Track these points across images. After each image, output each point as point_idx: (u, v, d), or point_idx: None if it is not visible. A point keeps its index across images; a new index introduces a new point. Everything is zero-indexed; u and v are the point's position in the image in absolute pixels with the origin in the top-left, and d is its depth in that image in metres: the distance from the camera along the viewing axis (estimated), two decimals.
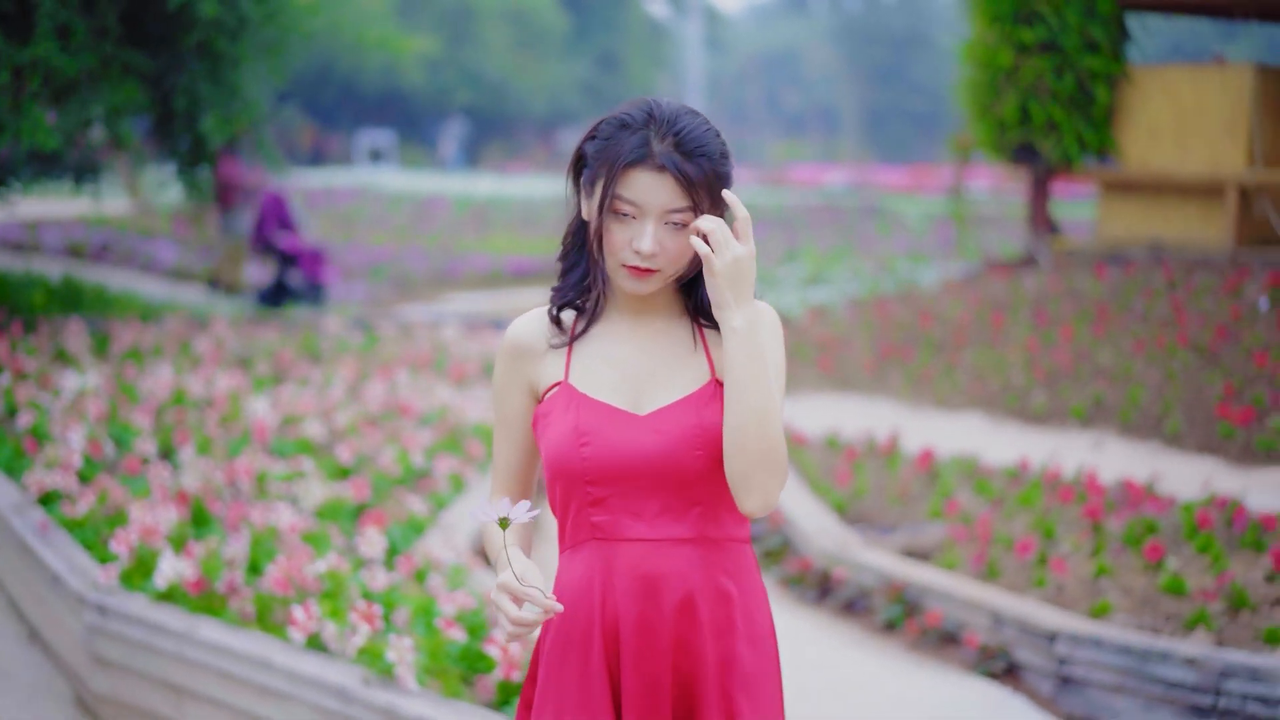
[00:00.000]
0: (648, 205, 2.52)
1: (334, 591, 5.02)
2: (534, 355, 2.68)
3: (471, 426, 8.13)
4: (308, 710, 4.55)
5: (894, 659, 5.94)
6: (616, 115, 2.56)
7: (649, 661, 2.57)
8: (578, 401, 2.59)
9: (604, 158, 2.55)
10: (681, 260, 2.56)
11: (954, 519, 6.97)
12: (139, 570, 5.35)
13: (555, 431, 2.60)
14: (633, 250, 2.53)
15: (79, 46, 9.61)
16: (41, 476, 6.38)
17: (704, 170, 2.52)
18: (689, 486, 2.56)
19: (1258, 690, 4.88)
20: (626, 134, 2.53)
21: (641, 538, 2.57)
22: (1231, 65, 13.06)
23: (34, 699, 5.49)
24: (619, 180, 2.53)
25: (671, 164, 2.50)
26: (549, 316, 2.69)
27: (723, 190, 2.55)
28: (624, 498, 2.57)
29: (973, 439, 9.27)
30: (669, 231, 2.53)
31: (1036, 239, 13.80)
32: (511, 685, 4.36)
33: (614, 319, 2.68)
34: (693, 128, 2.53)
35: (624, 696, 2.57)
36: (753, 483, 2.49)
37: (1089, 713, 5.35)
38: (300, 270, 14.78)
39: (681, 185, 2.51)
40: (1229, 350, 9.76)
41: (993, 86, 13.46)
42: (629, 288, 2.58)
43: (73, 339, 9.86)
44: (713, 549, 2.59)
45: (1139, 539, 6.25)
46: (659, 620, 2.57)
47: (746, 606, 2.63)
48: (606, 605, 2.58)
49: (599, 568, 2.59)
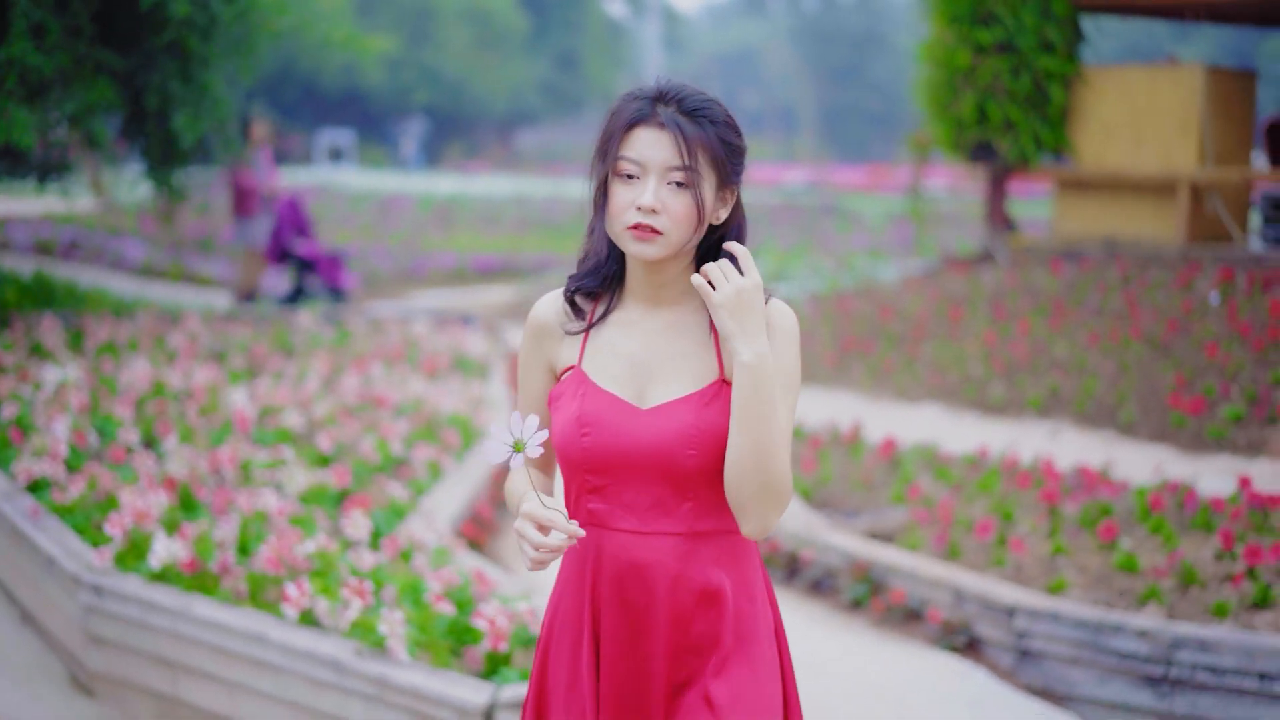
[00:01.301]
0: (649, 162, 2.56)
1: (323, 571, 5.22)
2: (555, 335, 2.73)
3: (447, 417, 8.32)
4: (302, 682, 4.75)
5: (860, 635, 6.18)
6: (629, 90, 2.64)
7: (627, 651, 2.61)
8: (585, 389, 2.63)
9: (611, 123, 2.62)
10: (686, 225, 2.57)
11: (916, 503, 7.21)
12: (132, 552, 5.53)
13: (562, 416, 2.65)
14: (635, 209, 2.57)
15: (53, 45, 9.75)
16: (29, 465, 6.54)
17: (705, 133, 2.56)
18: (682, 483, 2.59)
19: (1206, 660, 5.13)
20: (632, 101, 2.61)
21: (629, 529, 2.61)
22: (1183, 66, 13.37)
23: (29, 679, 5.65)
24: (623, 142, 2.59)
25: (672, 122, 2.55)
26: (564, 299, 2.73)
27: (729, 178, 2.60)
28: (619, 488, 2.61)
29: (933, 429, 9.52)
30: (670, 191, 2.56)
31: (994, 236, 14.07)
32: (498, 656, 4.55)
33: (630, 308, 2.70)
34: (698, 95, 2.58)
35: (602, 683, 2.63)
36: (749, 512, 2.53)
37: (1047, 684, 5.60)
38: (319, 275, 14.95)
39: (682, 143, 2.54)
40: (1181, 343, 10.04)
41: (950, 86, 13.71)
42: (635, 251, 2.59)
43: (48, 334, 10.00)
44: (702, 541, 2.61)
45: (1094, 521, 6.50)
46: (640, 610, 2.60)
47: (739, 598, 2.64)
48: (595, 592, 2.64)
49: (591, 555, 2.65)
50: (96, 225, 20.12)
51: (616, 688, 2.62)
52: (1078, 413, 9.60)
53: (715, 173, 2.59)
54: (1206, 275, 11.23)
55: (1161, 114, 13.02)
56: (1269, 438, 8.46)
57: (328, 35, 16.33)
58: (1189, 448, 8.66)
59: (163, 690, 5.25)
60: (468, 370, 10.45)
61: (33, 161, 11.95)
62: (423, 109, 50.64)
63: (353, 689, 4.59)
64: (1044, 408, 9.84)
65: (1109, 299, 11.37)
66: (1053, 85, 13.41)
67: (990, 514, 6.83)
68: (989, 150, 13.72)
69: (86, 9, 10.01)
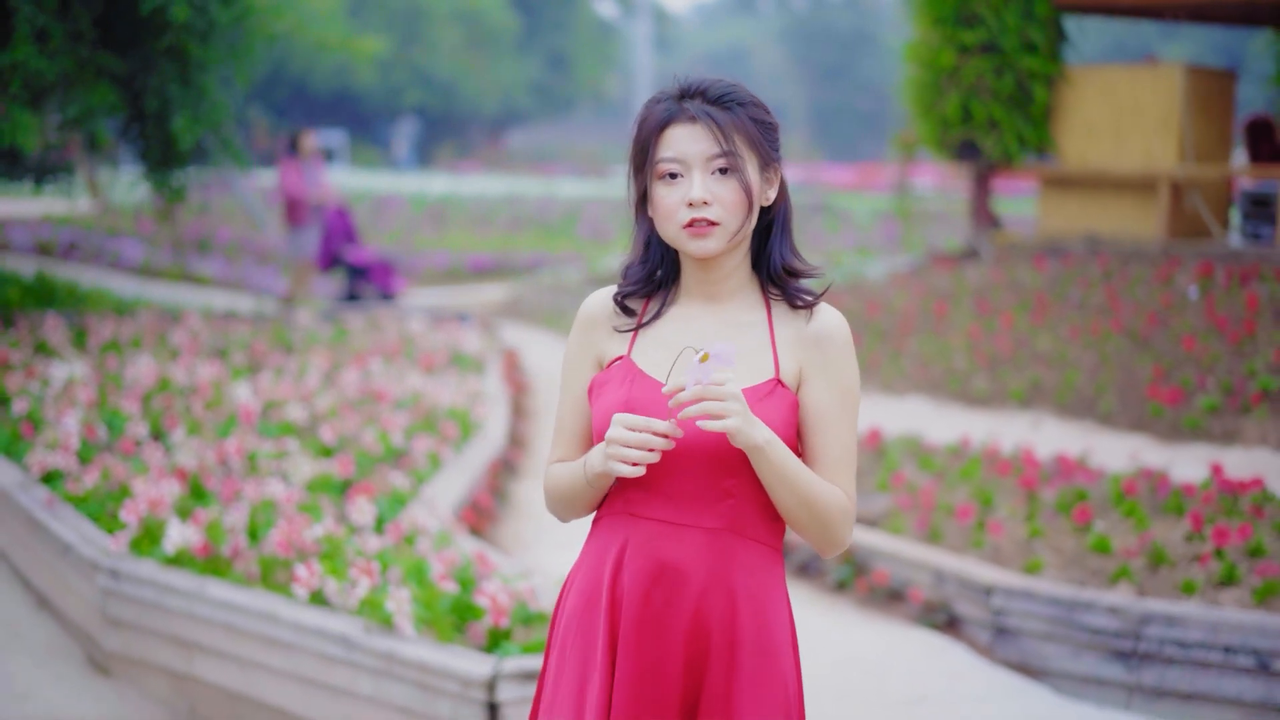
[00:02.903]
0: (689, 157, 2.57)
1: (331, 554, 5.46)
2: (604, 329, 2.73)
3: (445, 410, 8.57)
4: (313, 658, 4.99)
5: (845, 614, 6.44)
6: (652, 96, 2.65)
7: (646, 644, 2.59)
8: (634, 376, 2.63)
9: (642, 130, 2.63)
10: (739, 210, 2.59)
11: (899, 490, 7.46)
12: (146, 538, 5.77)
13: (607, 400, 2.64)
14: (686, 206, 2.58)
15: (56, 50, 9.97)
16: (43, 457, 6.78)
17: (737, 115, 2.59)
18: (724, 477, 2.58)
19: (1173, 634, 5.39)
20: (658, 104, 2.63)
21: (662, 519, 2.60)
22: (1163, 65, 13.64)
23: (49, 660, 5.89)
24: (658, 144, 2.60)
25: (702, 113, 2.57)
26: (614, 301, 2.74)
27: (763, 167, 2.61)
28: (661, 477, 2.59)
29: (917, 420, 9.77)
30: (717, 180, 2.58)
31: (978, 233, 14.33)
32: (500, 631, 4.80)
33: (686, 304, 2.72)
34: (720, 83, 2.61)
35: (618, 675, 2.60)
36: (818, 544, 2.63)
37: (1022, 659, 5.86)
38: (371, 282, 15.23)
39: (717, 130, 2.56)
40: (1159, 336, 10.30)
41: (935, 86, 13.96)
42: (695, 249, 2.60)
43: (52, 333, 10.22)
44: (735, 543, 2.61)
45: (1070, 505, 6.76)
46: (663, 603, 2.59)
47: (759, 611, 2.62)
48: (616, 582, 2.63)
49: (616, 543, 2.64)
50: (94, 226, 20.36)
51: (632, 679, 2.60)
52: (1058, 404, 9.86)
53: (755, 153, 2.61)
54: (1186, 270, 11.49)
55: (1142, 113, 13.28)
56: (1243, 427, 8.72)
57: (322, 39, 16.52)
58: (1166, 437, 8.92)
59: (178, 668, 5.49)
60: (464, 366, 10.70)
61: (29, 163, 12.17)
62: (414, 109, 50.84)
63: (362, 663, 4.83)
64: (1026, 399, 10.10)
65: (1091, 294, 11.63)
66: (1035, 85, 13.66)
67: (971, 499, 7.08)
68: (973, 149, 13.97)
69: (88, 14, 10.22)
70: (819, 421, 2.62)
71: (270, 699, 5.16)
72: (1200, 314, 10.45)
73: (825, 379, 2.63)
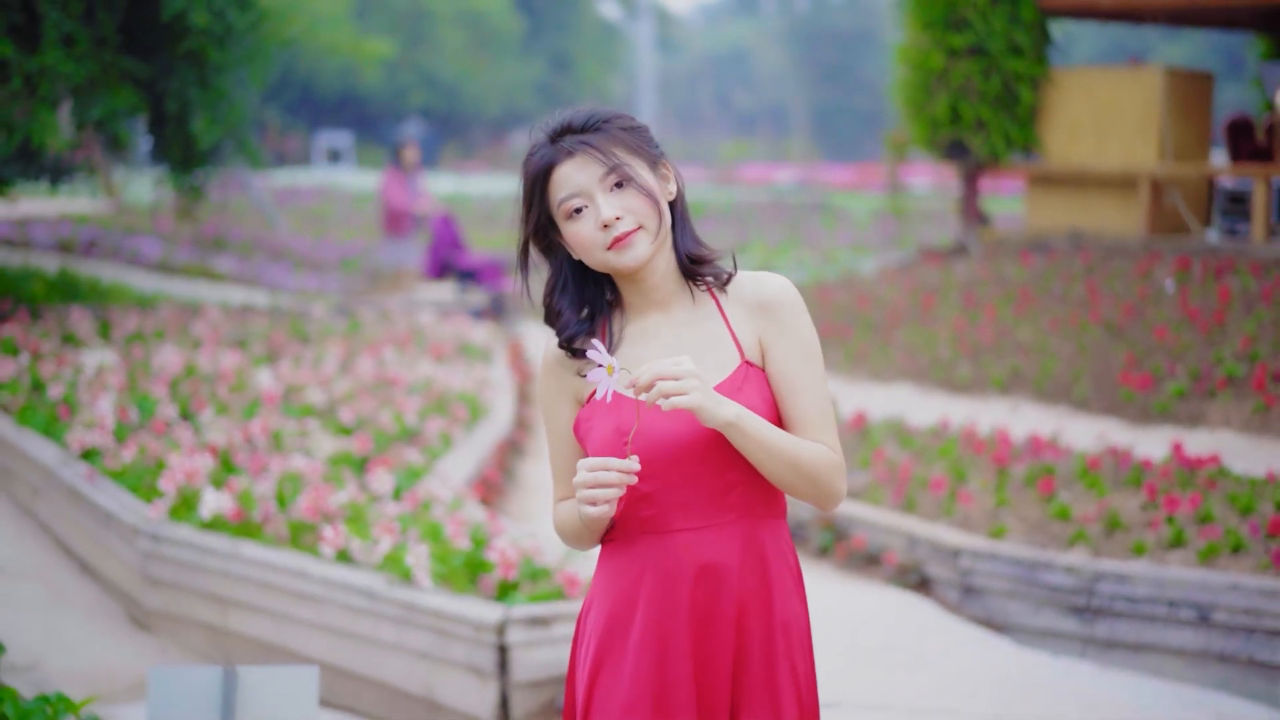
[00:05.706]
0: (584, 186, 2.67)
1: (355, 517, 5.99)
2: (572, 368, 2.78)
3: (455, 394, 9.10)
4: (339, 610, 5.52)
5: (826, 577, 6.96)
6: (527, 151, 2.75)
7: (700, 643, 2.68)
8: (617, 401, 2.66)
9: (532, 183, 2.73)
10: (650, 210, 2.67)
11: (880, 466, 7.97)
12: (183, 506, 6.29)
13: (599, 434, 2.69)
14: (602, 229, 2.65)
15: (82, 54, 10.48)
16: (81, 435, 7.31)
17: (607, 132, 2.69)
18: (725, 469, 2.66)
19: (1124, 591, 5.91)
20: (534, 155, 2.73)
21: (682, 528, 2.67)
22: (1144, 68, 14.15)
23: (93, 618, 6.42)
24: (550, 189, 2.70)
25: (577, 144, 2.67)
26: (562, 351, 2.77)
27: (639, 164, 2.68)
28: (669, 490, 2.66)
29: (903, 405, 10.28)
30: (618, 195, 2.67)
31: (967, 229, 14.83)
32: (509, 584, 5.32)
33: (639, 320, 2.78)
34: (579, 112, 2.71)
35: (673, 676, 2.67)
36: (811, 501, 2.71)
37: (988, 615, 6.39)
38: (481, 284, 15.77)
39: (596, 152, 2.66)
40: (1135, 326, 10.81)
41: (925, 87, 14.46)
42: (629, 260, 2.67)
43: (78, 324, 10.73)
44: (753, 526, 2.71)
45: (1037, 479, 7.27)
46: (707, 601, 2.68)
47: (784, 585, 2.73)
48: (665, 596, 2.68)
49: (650, 562, 2.69)
50: (112, 225, 20.89)
51: (700, 682, 2.68)
52: (1036, 390, 10.37)
53: (639, 157, 2.70)
54: (1165, 265, 11.98)
55: (1124, 113, 13.79)
56: (1207, 410, 9.23)
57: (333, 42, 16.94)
58: (1135, 420, 9.44)
59: (214, 623, 6.02)
60: (472, 355, 11.23)
61: (46, 163, 12.69)
62: (419, 110, 51.35)
63: (384, 614, 5.35)
64: (1005, 386, 10.62)
65: (1072, 287, 12.13)
66: (1021, 86, 14.16)
67: (945, 474, 7.59)
68: (962, 148, 14.47)
69: (112, 20, 10.73)
70: (789, 384, 2.69)
71: (301, 649, 5.69)
72: (1175, 306, 10.95)
73: (785, 343, 2.70)
